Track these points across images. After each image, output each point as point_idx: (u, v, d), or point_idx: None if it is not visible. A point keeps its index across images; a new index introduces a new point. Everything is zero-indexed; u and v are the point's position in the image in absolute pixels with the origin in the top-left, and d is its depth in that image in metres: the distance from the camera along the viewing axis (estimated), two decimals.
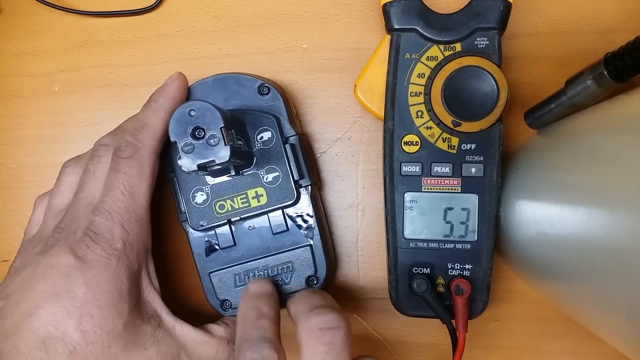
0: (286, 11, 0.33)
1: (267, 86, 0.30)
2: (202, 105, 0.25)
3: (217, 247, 0.30)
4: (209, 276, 0.30)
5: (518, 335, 0.32)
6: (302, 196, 0.30)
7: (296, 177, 0.29)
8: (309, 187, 0.30)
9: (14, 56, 0.36)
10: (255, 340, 0.24)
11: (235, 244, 0.30)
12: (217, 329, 0.28)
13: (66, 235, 0.26)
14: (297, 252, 0.30)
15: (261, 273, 0.30)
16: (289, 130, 0.30)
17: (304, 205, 0.30)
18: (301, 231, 0.30)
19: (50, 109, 0.35)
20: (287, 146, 0.29)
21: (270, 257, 0.30)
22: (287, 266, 0.30)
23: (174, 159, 0.30)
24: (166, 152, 0.30)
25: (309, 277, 0.30)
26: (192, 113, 0.25)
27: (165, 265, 0.34)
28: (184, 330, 0.27)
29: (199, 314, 0.34)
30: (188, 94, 0.30)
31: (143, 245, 0.27)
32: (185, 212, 0.30)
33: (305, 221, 0.30)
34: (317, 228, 0.30)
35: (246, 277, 0.30)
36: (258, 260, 0.30)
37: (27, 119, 0.35)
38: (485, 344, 0.33)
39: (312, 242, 0.30)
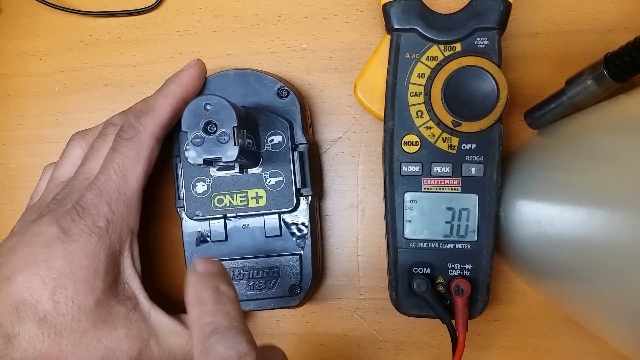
0: (286, 11, 0.33)
1: (286, 89, 0.30)
2: (219, 102, 0.25)
3: (208, 239, 0.30)
4: None
5: (518, 335, 0.32)
6: (301, 205, 0.30)
7: (299, 185, 0.29)
8: (310, 197, 0.30)
9: (14, 56, 0.36)
10: (227, 331, 0.20)
11: (226, 239, 0.30)
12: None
13: (58, 207, 0.26)
14: (286, 259, 0.30)
15: (247, 273, 0.30)
16: (300, 138, 0.30)
17: (302, 215, 0.30)
18: (294, 239, 0.30)
19: (50, 109, 0.35)
20: (296, 153, 0.29)
21: (258, 259, 0.30)
22: (274, 271, 0.30)
23: (181, 145, 0.30)
24: (175, 136, 0.30)
25: (293, 285, 0.30)
26: (208, 107, 0.25)
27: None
28: (158, 317, 0.27)
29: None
30: (208, 84, 0.30)
31: (128, 227, 0.27)
32: (183, 199, 0.30)
33: (299, 230, 0.30)
34: (310, 239, 0.30)
35: (231, 274, 0.30)
36: (246, 260, 0.30)
37: (27, 119, 0.35)
38: (485, 344, 0.33)
39: (302, 252, 0.30)
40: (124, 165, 0.27)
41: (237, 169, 0.28)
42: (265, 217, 0.30)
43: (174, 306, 0.31)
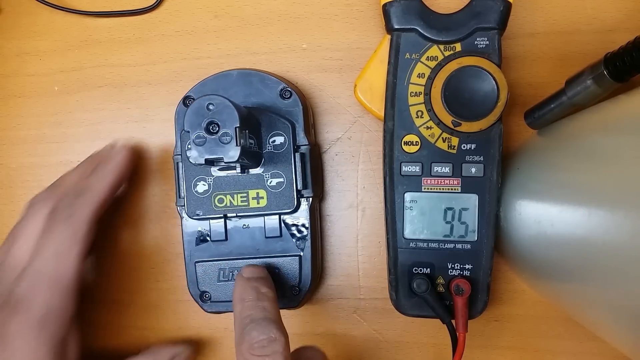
0: (286, 11, 0.33)
1: (289, 90, 0.30)
2: (222, 102, 0.25)
3: (208, 238, 0.30)
4: (195, 265, 0.30)
5: (518, 335, 0.32)
6: (301, 206, 0.30)
7: (300, 186, 0.29)
8: (310, 198, 0.30)
9: (14, 56, 0.36)
10: (261, 320, 0.23)
11: (226, 239, 0.30)
12: None
13: None
14: (286, 260, 0.30)
15: None
16: (302, 139, 0.30)
17: (302, 216, 0.30)
18: (294, 240, 0.30)
19: (50, 109, 0.35)
20: (297, 155, 0.29)
21: (257, 259, 0.30)
22: (273, 272, 0.30)
23: (183, 144, 0.29)
24: (177, 135, 0.30)
25: (292, 286, 0.30)
26: (211, 107, 0.25)
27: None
28: None
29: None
30: (211, 83, 0.30)
31: (68, 313, 0.26)
32: (183, 198, 0.30)
33: (299, 231, 0.30)
34: (309, 241, 0.30)
35: (230, 273, 0.30)
36: (245, 260, 0.30)
37: (27, 119, 0.35)
38: (485, 344, 0.33)
39: (302, 254, 0.30)
40: (60, 249, 0.25)
41: (238, 169, 0.28)
42: (266, 217, 0.30)
43: (175, 304, 0.30)
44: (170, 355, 0.29)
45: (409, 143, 0.28)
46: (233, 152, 0.25)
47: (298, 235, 0.30)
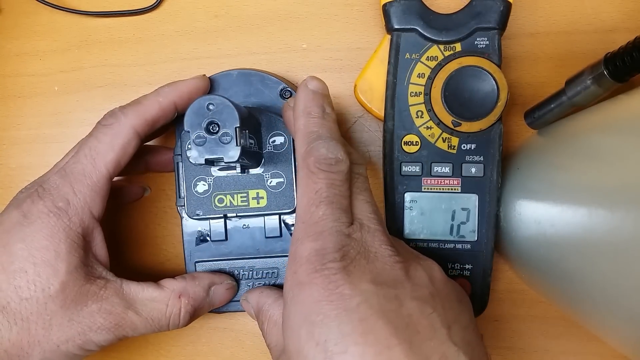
0: (286, 11, 0.33)
1: (289, 90, 0.30)
2: (222, 102, 0.25)
3: (208, 238, 0.30)
4: (195, 265, 0.30)
5: (518, 335, 0.32)
6: None
7: None
8: None
9: (14, 56, 0.36)
10: (329, 140, 0.24)
11: (226, 239, 0.30)
12: (168, 282, 0.28)
13: (24, 191, 0.26)
14: (286, 260, 0.30)
15: (246, 273, 0.30)
16: None
17: None
18: None
19: (50, 109, 0.35)
20: None
21: (257, 260, 0.30)
22: (273, 272, 0.30)
23: (183, 144, 0.30)
24: (177, 135, 0.30)
25: None
26: (211, 107, 0.25)
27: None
28: (132, 290, 0.27)
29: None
30: (211, 83, 0.30)
31: (90, 212, 0.26)
32: (183, 198, 0.30)
33: None
34: None
35: (230, 274, 0.30)
36: (245, 260, 0.30)
37: (27, 119, 0.35)
38: (485, 344, 0.33)
39: None
40: (96, 150, 0.26)
41: (238, 169, 0.28)
42: (266, 217, 0.30)
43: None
44: (209, 280, 0.29)
45: (409, 143, 0.29)
46: (233, 152, 0.25)
47: None
